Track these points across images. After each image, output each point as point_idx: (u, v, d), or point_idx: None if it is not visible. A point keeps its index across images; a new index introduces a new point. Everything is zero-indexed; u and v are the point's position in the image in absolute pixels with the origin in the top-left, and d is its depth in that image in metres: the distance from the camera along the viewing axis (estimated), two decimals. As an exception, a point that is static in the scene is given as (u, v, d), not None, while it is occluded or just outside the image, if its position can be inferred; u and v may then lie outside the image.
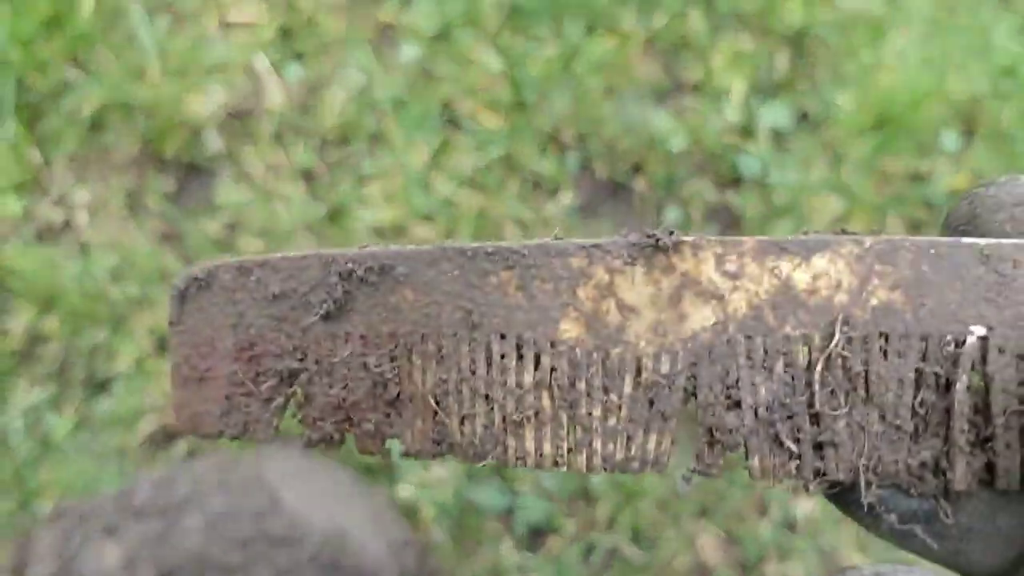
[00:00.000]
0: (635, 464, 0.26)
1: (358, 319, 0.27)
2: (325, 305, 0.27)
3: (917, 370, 0.25)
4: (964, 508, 0.25)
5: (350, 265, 0.27)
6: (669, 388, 0.25)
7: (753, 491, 0.94)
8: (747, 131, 1.07)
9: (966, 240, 0.25)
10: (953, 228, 0.27)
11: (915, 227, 1.05)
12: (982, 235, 0.26)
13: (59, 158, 1.06)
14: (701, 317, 0.25)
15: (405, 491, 0.93)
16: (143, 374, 0.97)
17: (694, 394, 0.25)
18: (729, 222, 1.05)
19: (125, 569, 0.72)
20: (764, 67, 1.10)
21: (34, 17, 1.06)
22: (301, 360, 0.28)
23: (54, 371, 0.98)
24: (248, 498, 0.77)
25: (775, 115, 1.07)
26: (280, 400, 0.28)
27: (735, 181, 1.06)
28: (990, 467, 0.25)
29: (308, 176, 1.06)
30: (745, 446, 0.25)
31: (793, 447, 0.25)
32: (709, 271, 0.25)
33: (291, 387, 0.28)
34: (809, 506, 0.94)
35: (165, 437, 0.97)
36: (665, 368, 0.25)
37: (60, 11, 1.07)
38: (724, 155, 1.05)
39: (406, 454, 0.27)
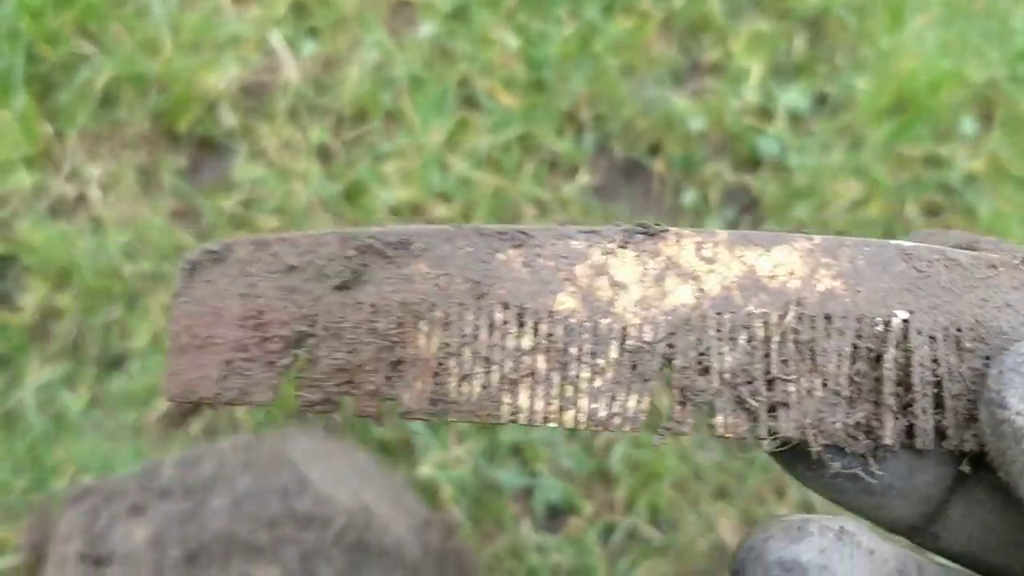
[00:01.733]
0: (616, 420, 0.29)
1: (371, 289, 0.30)
2: (341, 276, 0.30)
3: (853, 345, 0.29)
4: (886, 467, 0.29)
5: (370, 239, 0.30)
6: (650, 354, 0.29)
7: (771, 473, 0.95)
8: (766, 113, 1.07)
9: (892, 241, 0.29)
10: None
11: (932, 211, 1.05)
12: None
13: (71, 132, 1.04)
14: (680, 294, 0.29)
15: (424, 471, 0.92)
16: (158, 352, 0.96)
17: (670, 360, 0.29)
18: (748, 204, 1.05)
19: (153, 548, 0.72)
20: (783, 49, 1.10)
21: (44, -12, 1.05)
22: (310, 326, 0.30)
23: (67, 348, 0.97)
24: (274, 477, 0.76)
25: (794, 97, 1.07)
26: (286, 361, 0.30)
27: (754, 163, 1.06)
28: (910, 430, 0.29)
29: (324, 154, 1.05)
30: (711, 406, 0.29)
31: (752, 407, 0.29)
32: (689, 256, 0.29)
33: (298, 350, 0.30)
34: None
35: (181, 415, 0.96)
36: (648, 336, 0.29)
37: (71, -18, 1.06)
38: (743, 137, 1.05)
39: (403, 414, 0.29)
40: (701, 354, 0.29)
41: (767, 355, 0.29)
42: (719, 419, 0.29)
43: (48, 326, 0.98)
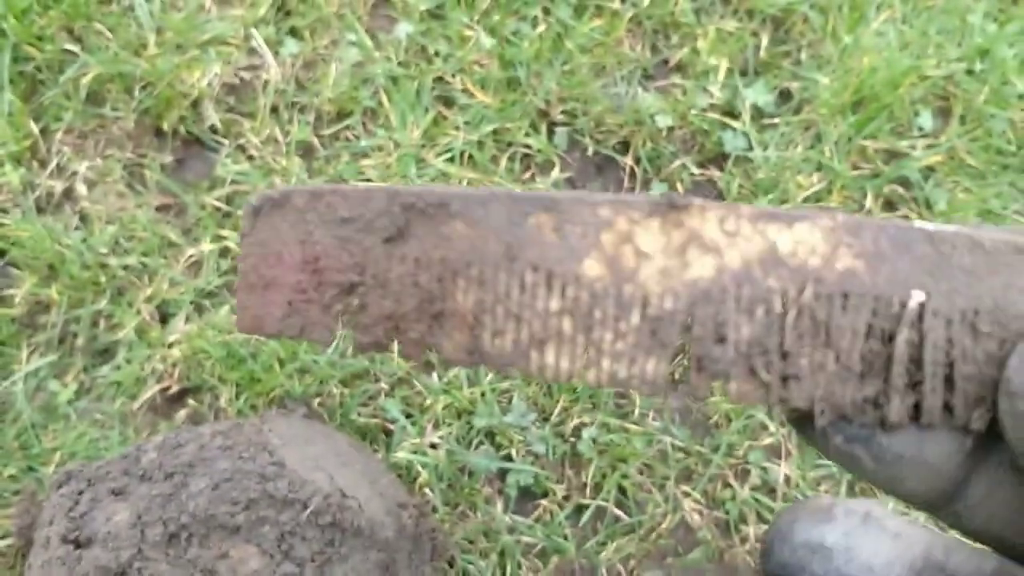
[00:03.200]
0: (635, 382, 0.30)
1: (414, 244, 0.32)
2: (388, 230, 0.32)
3: (868, 324, 0.29)
4: (896, 438, 0.30)
5: (412, 198, 0.31)
6: (670, 322, 0.30)
7: (734, 458, 0.98)
8: (730, 110, 1.10)
9: (917, 223, 0.30)
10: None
11: (891, 204, 1.08)
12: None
13: (57, 129, 1.07)
14: (701, 266, 0.30)
15: (400, 457, 0.96)
16: (144, 342, 0.99)
17: (689, 328, 0.30)
18: (713, 198, 1.08)
19: (134, 529, 0.75)
20: (749, 47, 1.13)
21: (31, -10, 1.08)
22: (360, 275, 0.32)
23: (56, 339, 1.01)
24: (252, 461, 0.80)
25: (758, 94, 1.10)
26: (340, 307, 0.33)
27: (720, 158, 1.09)
28: (918, 406, 0.30)
29: (305, 150, 1.09)
30: (726, 374, 0.30)
31: (765, 377, 0.30)
32: (712, 229, 0.30)
33: (350, 297, 0.33)
34: (788, 472, 0.98)
35: (166, 403, 0.99)
36: (668, 305, 0.30)
37: (56, -16, 1.09)
38: (709, 132, 1.08)
39: (444, 361, 0.32)
40: (719, 325, 0.30)
41: (783, 329, 0.29)
42: (733, 386, 0.30)
43: (37, 318, 1.02)
